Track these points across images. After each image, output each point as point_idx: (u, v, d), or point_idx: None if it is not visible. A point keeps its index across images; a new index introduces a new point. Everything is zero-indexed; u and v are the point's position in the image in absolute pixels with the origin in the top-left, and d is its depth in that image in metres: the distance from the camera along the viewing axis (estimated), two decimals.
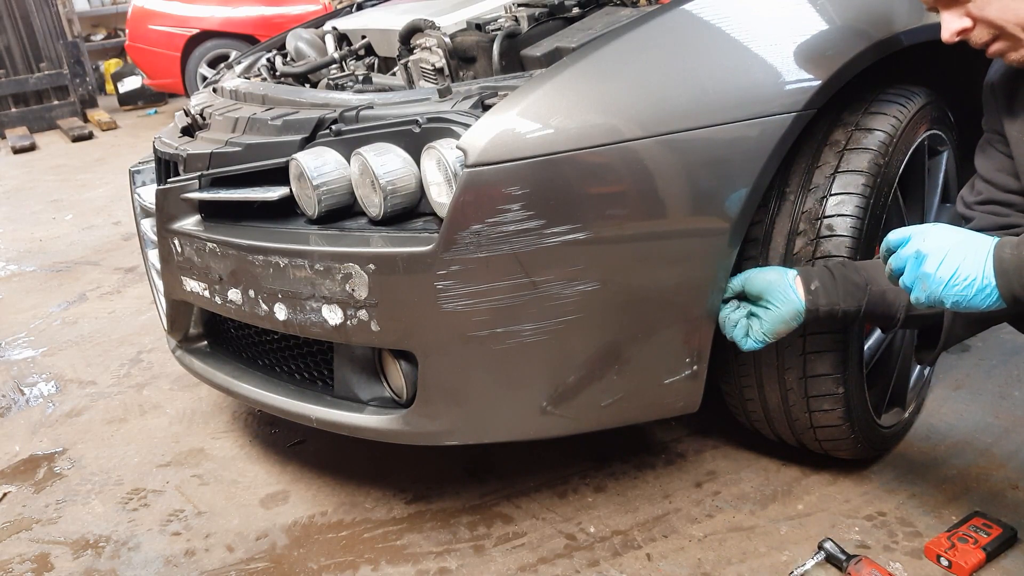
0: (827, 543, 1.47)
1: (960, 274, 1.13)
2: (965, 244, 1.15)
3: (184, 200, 1.66)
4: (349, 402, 1.61)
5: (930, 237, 1.17)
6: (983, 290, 1.13)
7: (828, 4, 1.49)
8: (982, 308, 1.14)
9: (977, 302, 1.13)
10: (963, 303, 1.14)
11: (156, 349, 2.66)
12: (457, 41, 1.75)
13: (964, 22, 1.19)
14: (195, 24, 6.56)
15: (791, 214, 1.51)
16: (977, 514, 1.53)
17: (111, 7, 9.12)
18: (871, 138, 1.52)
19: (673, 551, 1.57)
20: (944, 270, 1.14)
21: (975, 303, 1.14)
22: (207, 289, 1.67)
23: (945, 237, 1.17)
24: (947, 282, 1.14)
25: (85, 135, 6.67)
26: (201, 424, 2.19)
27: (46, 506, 1.92)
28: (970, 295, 1.13)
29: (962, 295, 1.13)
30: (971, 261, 1.13)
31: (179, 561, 1.69)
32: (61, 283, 3.42)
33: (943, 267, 1.14)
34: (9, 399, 2.47)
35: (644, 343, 1.47)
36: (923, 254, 1.16)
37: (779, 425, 1.65)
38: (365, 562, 1.63)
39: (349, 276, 1.42)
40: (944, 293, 1.14)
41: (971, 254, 1.14)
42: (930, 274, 1.15)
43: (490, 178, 1.32)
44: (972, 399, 1.94)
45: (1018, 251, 1.11)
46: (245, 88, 1.91)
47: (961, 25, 1.20)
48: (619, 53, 1.41)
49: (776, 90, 1.42)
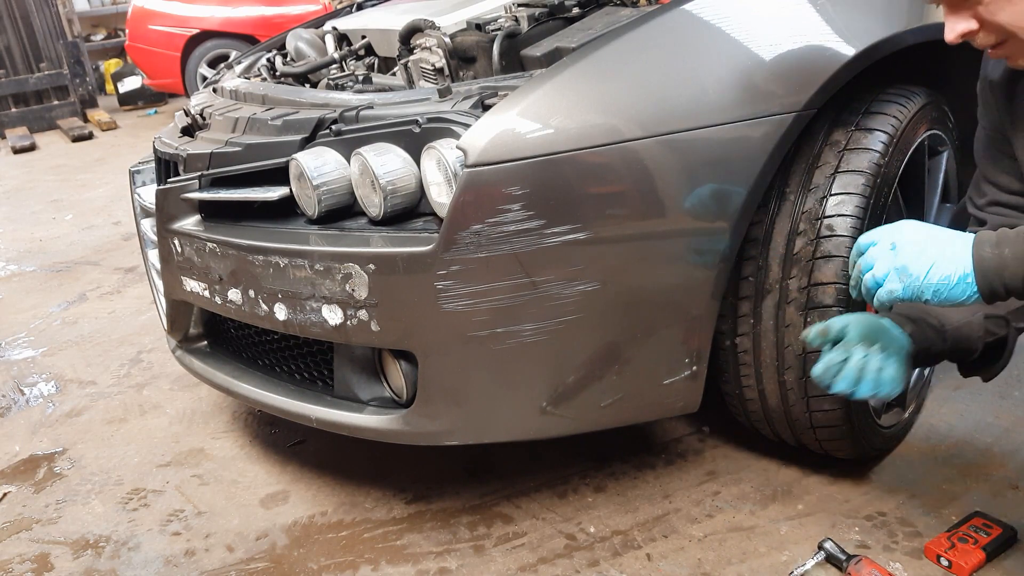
0: (827, 543, 1.47)
1: (939, 268, 1.14)
2: (939, 238, 1.16)
3: (184, 200, 1.66)
4: (349, 402, 1.61)
5: (905, 231, 1.18)
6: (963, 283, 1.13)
7: (828, 4, 1.49)
8: (959, 301, 1.15)
9: (956, 294, 1.14)
10: (943, 295, 1.14)
11: (156, 349, 2.66)
12: (457, 41, 1.75)
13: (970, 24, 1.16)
14: (195, 24, 6.56)
15: (791, 214, 1.51)
16: (977, 514, 1.53)
17: (111, 7, 9.11)
18: (871, 138, 1.52)
19: (673, 551, 1.57)
20: (922, 262, 1.14)
21: (954, 296, 1.14)
22: (207, 289, 1.67)
23: (919, 230, 1.18)
24: (926, 273, 1.14)
25: (85, 135, 6.67)
26: (201, 424, 2.19)
27: (46, 506, 1.92)
28: (950, 286, 1.14)
29: (942, 286, 1.14)
30: (949, 256, 1.14)
31: (179, 561, 1.69)
32: (61, 283, 3.42)
33: (921, 260, 1.15)
34: (9, 399, 2.47)
35: (644, 343, 1.47)
36: (897, 247, 1.17)
37: (779, 425, 1.65)
38: (365, 562, 1.63)
39: (349, 276, 1.42)
40: (924, 284, 1.14)
41: (948, 248, 1.14)
42: (906, 265, 1.15)
43: (490, 178, 1.32)
44: (972, 399, 1.94)
45: (999, 250, 1.12)
46: (245, 88, 1.91)
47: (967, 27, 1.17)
48: (619, 53, 1.41)
49: (776, 90, 1.42)
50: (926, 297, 1.15)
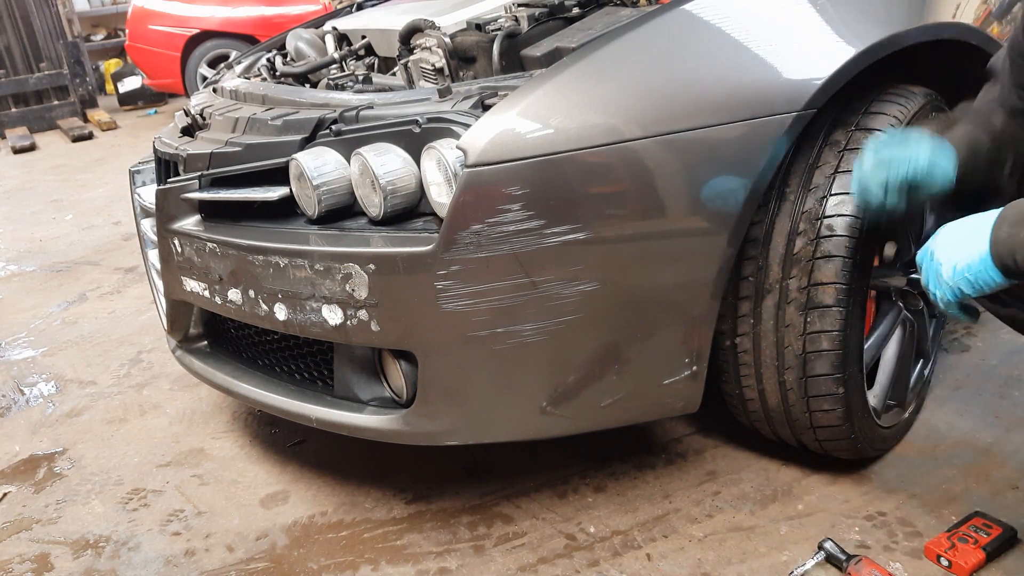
0: (827, 543, 1.47)
1: (963, 259, 1.16)
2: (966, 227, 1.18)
3: (184, 200, 1.66)
4: (349, 402, 1.61)
5: (939, 236, 1.21)
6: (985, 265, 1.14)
7: (828, 4, 1.49)
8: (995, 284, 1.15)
9: (987, 279, 1.15)
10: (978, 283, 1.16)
11: (156, 349, 2.66)
12: (457, 41, 1.75)
13: None
14: (195, 24, 6.56)
15: (791, 214, 1.51)
16: (977, 514, 1.53)
17: (111, 7, 9.11)
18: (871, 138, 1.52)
19: (673, 551, 1.57)
20: (949, 261, 1.17)
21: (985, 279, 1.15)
22: (207, 289, 1.67)
23: (951, 232, 1.20)
24: (954, 270, 1.17)
25: (85, 135, 6.67)
26: (201, 424, 2.20)
27: (46, 506, 1.92)
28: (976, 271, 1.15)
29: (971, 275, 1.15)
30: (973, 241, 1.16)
31: (179, 561, 1.69)
32: (61, 283, 3.42)
33: (948, 258, 1.17)
34: (9, 399, 2.47)
35: (644, 343, 1.47)
36: (934, 254, 1.20)
37: (779, 425, 1.65)
38: (365, 562, 1.63)
39: (349, 276, 1.42)
40: (957, 280, 1.17)
41: (973, 235, 1.16)
42: (939, 269, 1.19)
43: (490, 178, 1.32)
44: (972, 399, 1.94)
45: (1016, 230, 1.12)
46: (245, 88, 1.91)
47: None
48: (619, 53, 1.41)
49: (776, 90, 1.42)
50: (966, 291, 1.17)
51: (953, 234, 1.20)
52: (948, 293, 1.19)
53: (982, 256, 1.14)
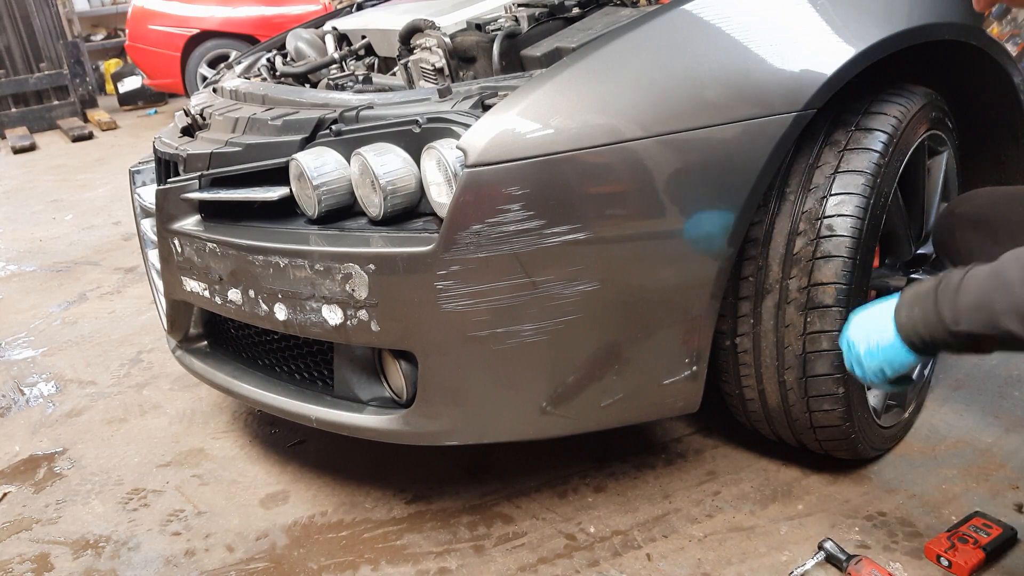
0: (827, 543, 1.48)
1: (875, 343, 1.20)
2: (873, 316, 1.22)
3: (184, 200, 1.66)
4: (349, 402, 1.61)
5: (852, 325, 1.25)
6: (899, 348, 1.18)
7: (828, 4, 1.49)
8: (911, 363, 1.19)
9: (904, 359, 1.18)
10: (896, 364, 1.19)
11: (156, 349, 2.66)
12: (457, 41, 1.75)
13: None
14: (195, 24, 6.56)
15: (791, 214, 1.51)
16: (977, 514, 1.53)
17: (111, 7, 9.11)
18: (871, 138, 1.52)
19: (673, 551, 1.57)
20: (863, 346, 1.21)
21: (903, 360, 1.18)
22: (207, 289, 1.67)
23: (861, 320, 1.24)
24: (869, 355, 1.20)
25: (85, 135, 6.67)
26: (201, 424, 2.19)
27: (46, 506, 1.92)
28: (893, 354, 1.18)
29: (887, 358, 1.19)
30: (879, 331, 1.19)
31: (179, 561, 1.69)
32: (61, 283, 3.42)
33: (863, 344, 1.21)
34: (9, 399, 2.47)
35: (644, 343, 1.47)
36: (851, 343, 1.24)
37: (779, 425, 1.65)
38: (365, 562, 1.63)
39: (349, 276, 1.42)
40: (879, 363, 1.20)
41: (878, 324, 1.20)
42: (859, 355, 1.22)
43: (490, 178, 1.32)
44: (972, 399, 1.94)
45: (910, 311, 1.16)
46: (245, 88, 1.91)
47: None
48: (619, 53, 1.41)
49: (776, 90, 1.42)
50: (887, 373, 1.20)
51: (864, 323, 1.23)
52: (874, 377, 1.22)
53: (891, 342, 1.18)
